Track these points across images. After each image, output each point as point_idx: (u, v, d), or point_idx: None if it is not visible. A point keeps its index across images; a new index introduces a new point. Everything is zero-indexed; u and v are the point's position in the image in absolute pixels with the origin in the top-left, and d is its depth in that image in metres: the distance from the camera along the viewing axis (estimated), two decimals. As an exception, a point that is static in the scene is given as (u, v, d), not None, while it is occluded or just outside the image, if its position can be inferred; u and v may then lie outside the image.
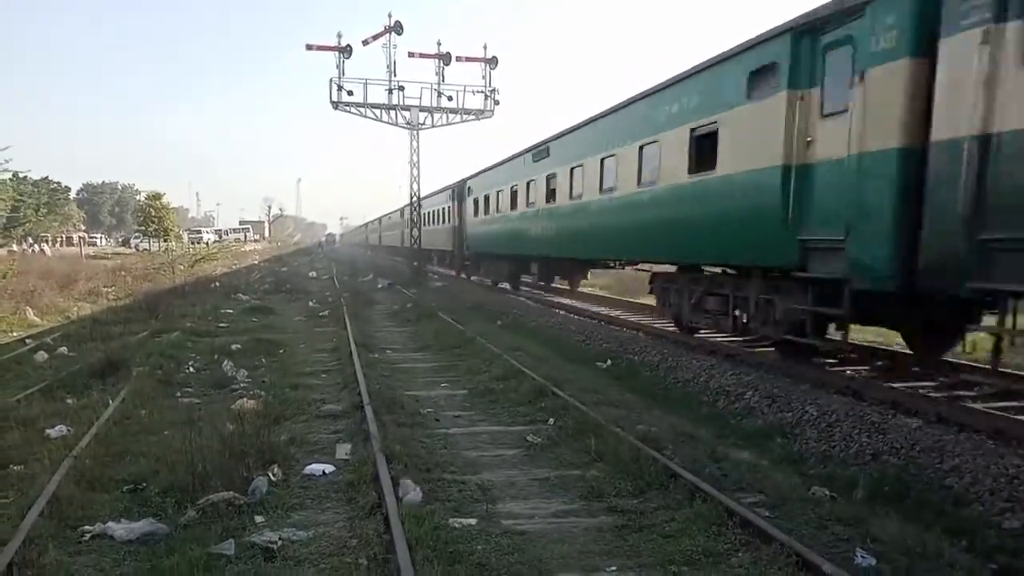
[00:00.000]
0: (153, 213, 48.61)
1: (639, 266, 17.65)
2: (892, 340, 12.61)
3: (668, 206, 13.02)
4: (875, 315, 9.68)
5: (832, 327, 10.23)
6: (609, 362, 12.74)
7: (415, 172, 36.10)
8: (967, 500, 6.12)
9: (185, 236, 67.32)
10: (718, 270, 12.75)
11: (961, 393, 9.28)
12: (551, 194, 19.81)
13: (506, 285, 27.61)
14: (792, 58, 9.60)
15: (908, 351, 11.11)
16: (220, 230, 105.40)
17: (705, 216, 11.76)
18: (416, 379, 11.46)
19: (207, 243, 68.76)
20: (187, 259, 36.83)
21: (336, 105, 34.33)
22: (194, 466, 6.42)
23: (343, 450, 7.53)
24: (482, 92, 35.89)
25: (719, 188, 11.31)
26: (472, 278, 33.61)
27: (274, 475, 6.66)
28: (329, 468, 7.03)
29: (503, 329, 17.22)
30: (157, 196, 50.31)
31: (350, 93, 34.23)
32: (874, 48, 8.26)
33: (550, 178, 19.88)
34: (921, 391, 9.26)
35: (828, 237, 9.03)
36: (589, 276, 24.74)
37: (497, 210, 26.02)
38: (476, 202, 29.52)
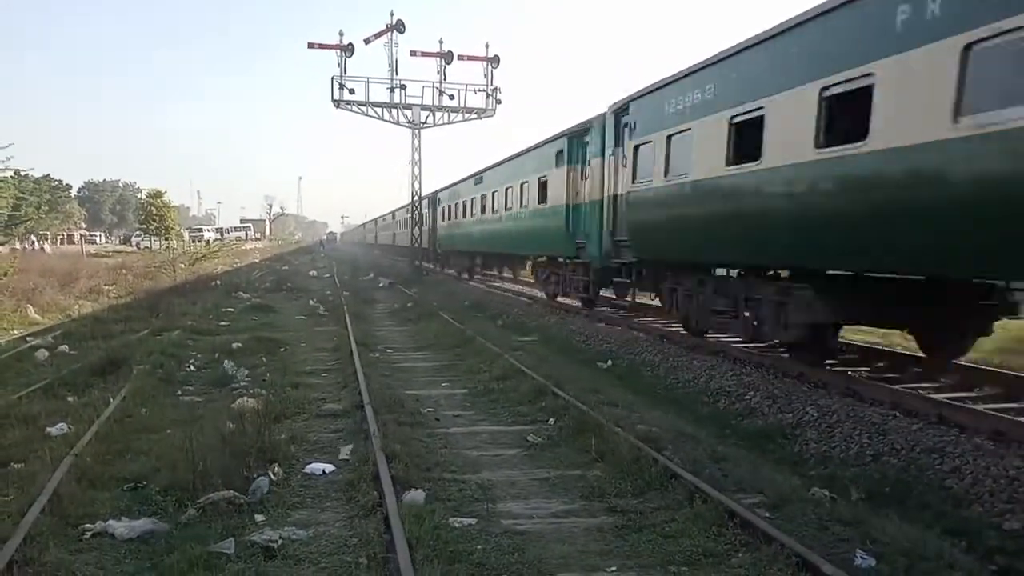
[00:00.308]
0: (154, 211, 48.46)
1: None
2: (892, 341, 12.62)
3: (524, 220, 22.17)
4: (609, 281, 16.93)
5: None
6: (610, 362, 12.75)
7: (416, 171, 36.13)
8: (968, 501, 6.13)
9: (186, 234, 67.27)
10: (544, 258, 22.08)
11: (963, 395, 9.29)
12: (483, 208, 28.11)
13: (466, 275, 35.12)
14: (568, 148, 18.06)
15: (908, 353, 11.19)
16: (221, 228, 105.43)
17: (536, 228, 20.89)
18: (416, 378, 11.47)
19: (208, 241, 68.74)
20: (188, 257, 36.81)
21: (338, 103, 34.32)
22: (195, 464, 6.42)
23: (346, 450, 7.54)
24: (484, 91, 35.90)
25: (544, 212, 20.07)
26: (446, 270, 39.48)
27: (275, 474, 6.67)
28: (329, 467, 7.04)
29: (504, 329, 17.24)
30: (158, 194, 50.17)
31: (352, 91, 34.23)
32: (591, 149, 16.72)
33: (483, 197, 27.96)
34: (921, 392, 9.26)
35: (580, 240, 17.55)
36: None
37: (453, 217, 34.34)
38: (442, 210, 37.62)
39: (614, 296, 18.17)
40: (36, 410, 8.61)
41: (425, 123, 35.63)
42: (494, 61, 35.65)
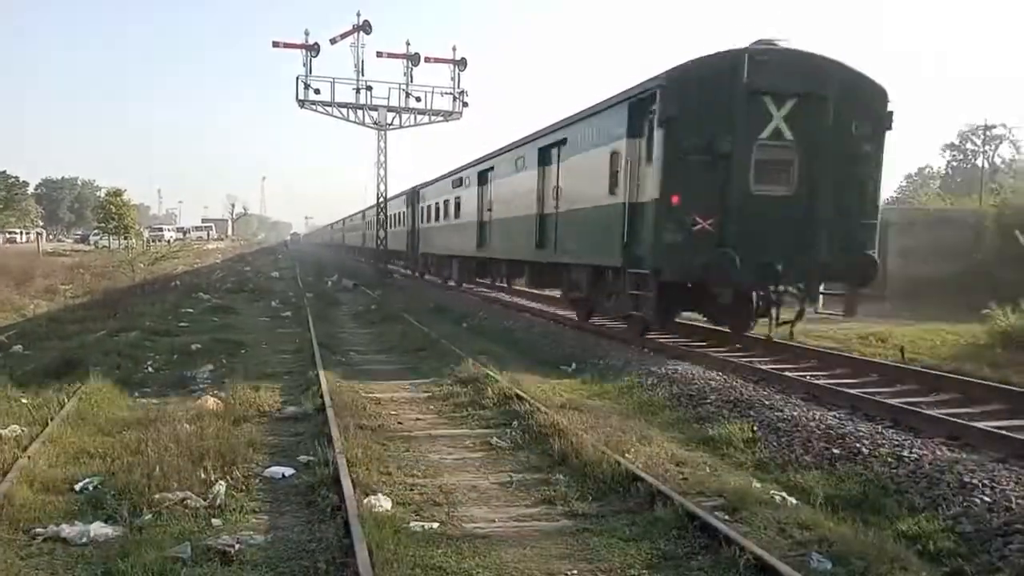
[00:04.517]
0: (113, 210, 47.72)
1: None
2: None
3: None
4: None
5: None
6: (574, 365, 12.79)
7: (382, 172, 35.95)
8: (923, 505, 6.23)
9: (146, 234, 66.19)
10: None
11: (919, 399, 9.56)
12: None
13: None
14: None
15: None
16: (182, 228, 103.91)
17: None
18: (380, 382, 11.39)
19: (169, 241, 67.81)
20: (147, 257, 36.24)
21: (303, 103, 34.01)
22: (151, 468, 6.32)
23: (306, 453, 7.46)
24: (451, 93, 35.84)
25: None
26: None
27: (233, 478, 6.58)
28: (289, 471, 6.96)
29: (468, 332, 17.23)
30: (117, 193, 49.40)
31: (317, 92, 33.93)
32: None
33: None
34: (879, 397, 9.52)
35: None
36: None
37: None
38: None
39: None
40: (-13, 412, 8.40)
41: (391, 124, 35.46)
42: (461, 64, 35.61)
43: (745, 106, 11.87)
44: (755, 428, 8.36)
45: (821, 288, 13.62)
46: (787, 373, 11.21)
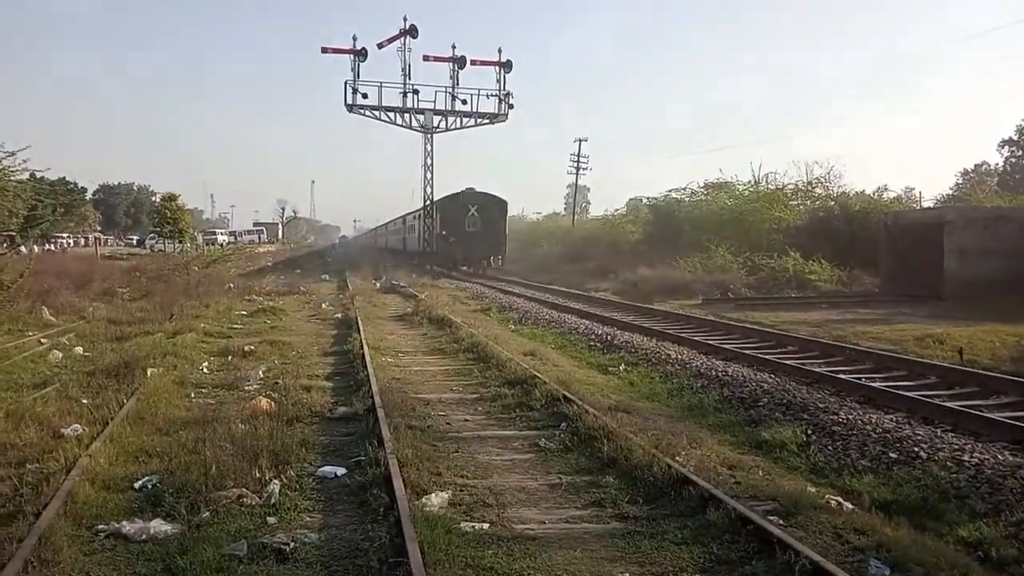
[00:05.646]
0: (168, 214, 48.73)
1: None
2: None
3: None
4: None
5: None
6: (623, 367, 12.74)
7: (428, 175, 36.21)
8: (984, 511, 6.06)
9: (199, 237, 67.54)
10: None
11: (979, 403, 9.27)
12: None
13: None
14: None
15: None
16: (234, 231, 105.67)
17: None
18: (427, 383, 11.46)
19: (222, 245, 69.06)
20: (201, 260, 36.97)
21: (351, 108, 34.50)
22: (207, 467, 6.45)
23: (358, 453, 7.54)
24: (496, 95, 35.94)
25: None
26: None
27: (287, 477, 6.68)
28: (341, 471, 7.04)
29: (517, 334, 17.26)
30: (172, 197, 50.41)
31: (364, 96, 34.43)
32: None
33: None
34: (937, 400, 9.28)
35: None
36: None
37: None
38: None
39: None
40: (50, 411, 8.63)
41: (437, 128, 35.71)
42: (506, 66, 35.74)
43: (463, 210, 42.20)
44: (809, 431, 8.23)
45: None
46: (841, 376, 11.01)
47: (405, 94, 34.82)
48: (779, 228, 34.27)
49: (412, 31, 34.65)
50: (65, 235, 74.05)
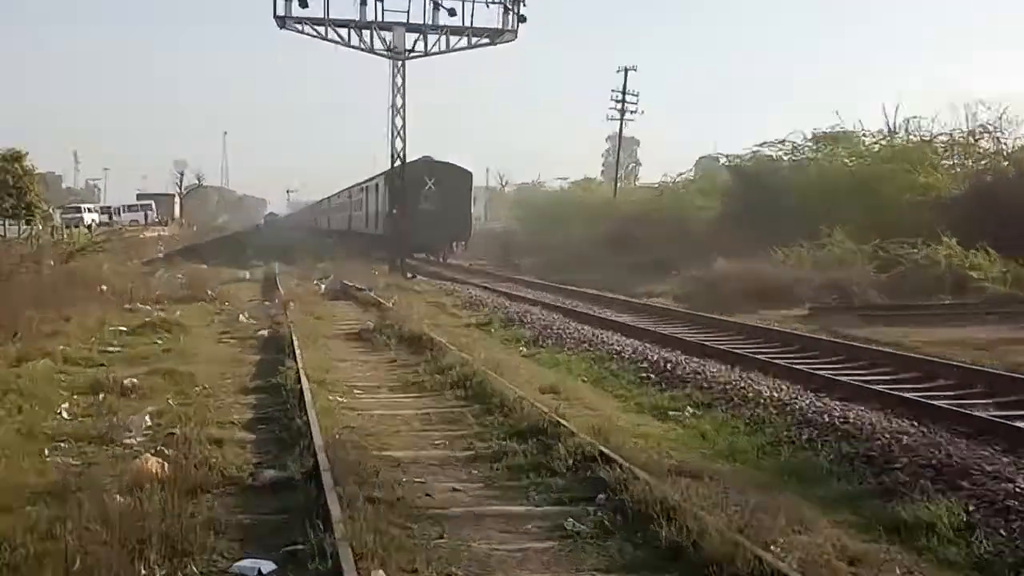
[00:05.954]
0: (11, 182, 48.62)
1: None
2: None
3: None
4: None
5: None
6: (689, 410, 12.73)
7: (399, 121, 35.92)
8: None
9: (57, 216, 67.62)
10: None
11: None
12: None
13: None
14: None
15: None
16: (109, 207, 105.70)
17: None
18: (397, 433, 11.47)
19: (90, 226, 69.22)
20: (60, 251, 37.02)
21: (283, 21, 34.18)
22: (69, 561, 6.45)
23: (293, 540, 7.55)
24: (500, 2, 35.43)
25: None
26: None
27: (186, 574, 6.67)
28: (268, 566, 7.04)
29: (531, 360, 17.29)
30: (16, 156, 50.19)
31: (305, 5, 33.98)
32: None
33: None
34: None
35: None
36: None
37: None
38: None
39: None
40: None
41: (412, 51, 35.34)
42: (514, -42, 35.39)
43: (418, 183, 50.31)
44: (971, 508, 8.21)
45: None
46: (1021, 424, 10.96)
47: (364, 2, 34.49)
48: (925, 201, 34.15)
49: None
50: None
